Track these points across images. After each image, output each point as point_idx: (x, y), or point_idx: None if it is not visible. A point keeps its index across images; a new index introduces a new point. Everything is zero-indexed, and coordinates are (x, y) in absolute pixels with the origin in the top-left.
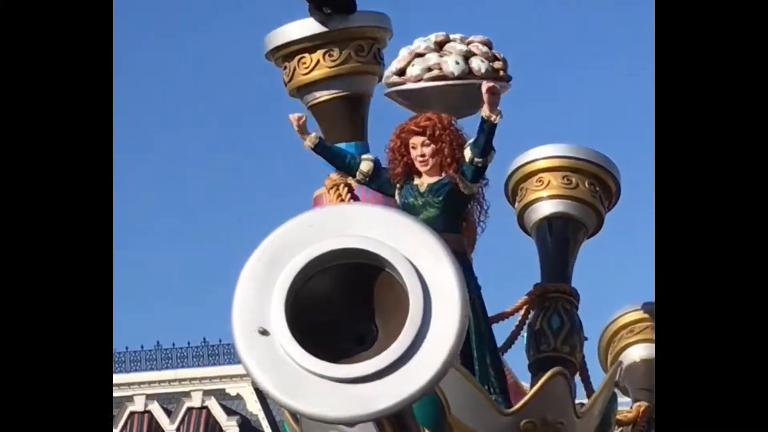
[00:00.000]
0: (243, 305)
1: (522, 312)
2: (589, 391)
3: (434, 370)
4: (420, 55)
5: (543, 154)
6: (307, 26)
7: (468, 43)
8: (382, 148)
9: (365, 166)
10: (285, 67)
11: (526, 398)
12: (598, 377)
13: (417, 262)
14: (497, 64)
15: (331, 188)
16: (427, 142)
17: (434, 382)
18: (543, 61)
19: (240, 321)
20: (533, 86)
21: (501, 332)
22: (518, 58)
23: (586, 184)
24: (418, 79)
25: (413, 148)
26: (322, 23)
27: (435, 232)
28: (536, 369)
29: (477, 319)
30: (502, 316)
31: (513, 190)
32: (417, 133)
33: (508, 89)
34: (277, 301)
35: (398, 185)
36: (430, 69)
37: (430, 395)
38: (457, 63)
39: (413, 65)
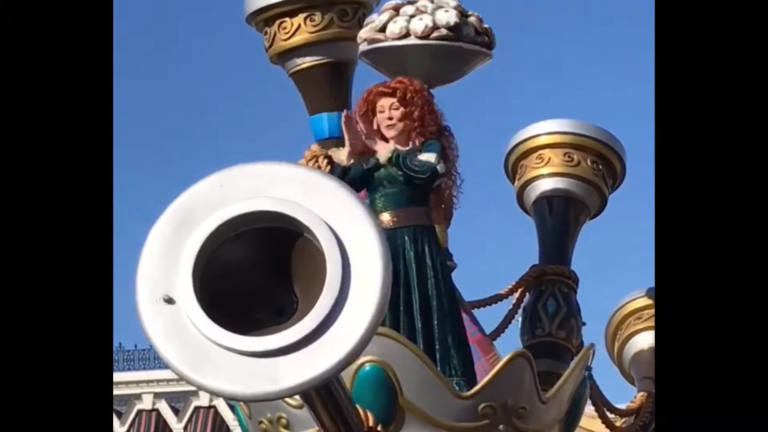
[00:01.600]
0: (148, 271)
1: (517, 294)
2: None
3: (351, 345)
4: (465, 14)
5: (544, 129)
6: None
7: None
8: None
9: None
10: (265, 33)
11: (484, 381)
12: (607, 365)
13: (336, 227)
14: None
15: (311, 160)
16: (397, 104)
17: (351, 357)
18: (547, 32)
19: (144, 288)
20: (536, 59)
21: (495, 315)
22: (520, 29)
23: (589, 162)
24: (473, 41)
25: (381, 111)
26: None
27: (356, 194)
28: None
29: (440, 295)
30: (496, 298)
31: (513, 167)
32: (386, 95)
33: None
34: (185, 267)
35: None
36: (478, 33)
37: (380, 375)
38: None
39: (467, 25)
